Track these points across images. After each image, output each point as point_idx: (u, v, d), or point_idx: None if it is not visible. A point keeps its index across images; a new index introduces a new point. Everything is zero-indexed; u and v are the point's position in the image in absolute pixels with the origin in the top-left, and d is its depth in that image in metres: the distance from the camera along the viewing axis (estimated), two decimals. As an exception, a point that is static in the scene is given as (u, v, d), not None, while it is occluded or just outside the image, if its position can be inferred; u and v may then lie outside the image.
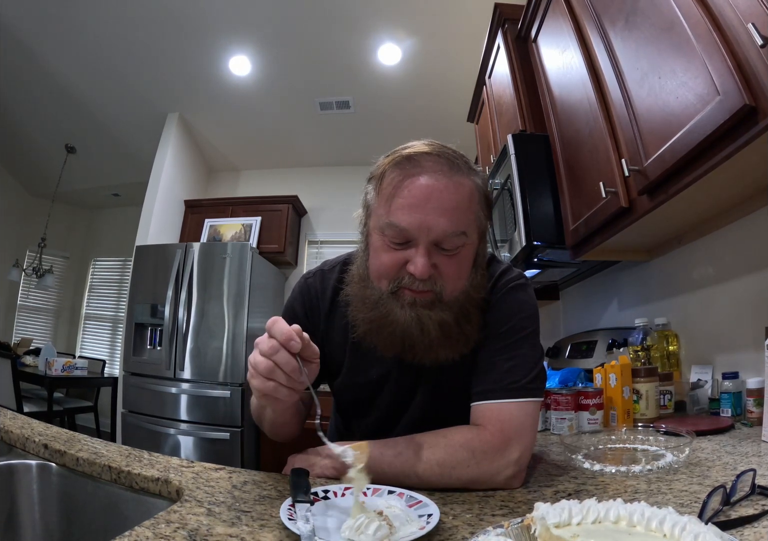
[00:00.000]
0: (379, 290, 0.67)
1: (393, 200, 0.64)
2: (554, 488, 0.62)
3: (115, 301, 4.98)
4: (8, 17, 2.85)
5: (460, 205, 0.64)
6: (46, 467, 0.71)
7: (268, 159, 4.15)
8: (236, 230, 3.65)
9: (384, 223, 0.64)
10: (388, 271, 0.66)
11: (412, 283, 0.64)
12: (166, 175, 3.57)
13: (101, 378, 3.97)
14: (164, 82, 3.39)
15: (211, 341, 2.86)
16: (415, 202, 0.63)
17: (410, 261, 0.64)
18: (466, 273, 0.68)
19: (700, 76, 0.84)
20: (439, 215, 0.62)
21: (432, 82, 3.19)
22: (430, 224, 0.62)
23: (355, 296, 0.72)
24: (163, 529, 0.45)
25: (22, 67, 3.30)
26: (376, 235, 0.67)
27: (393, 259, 0.65)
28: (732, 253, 1.19)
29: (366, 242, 0.71)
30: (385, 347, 0.69)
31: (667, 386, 1.13)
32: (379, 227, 0.66)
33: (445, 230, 0.62)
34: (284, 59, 3.14)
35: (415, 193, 0.63)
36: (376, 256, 0.68)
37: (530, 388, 0.66)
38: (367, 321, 0.69)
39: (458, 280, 0.67)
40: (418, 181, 0.63)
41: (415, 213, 0.62)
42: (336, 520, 0.49)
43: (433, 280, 0.64)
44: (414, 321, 0.65)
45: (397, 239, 0.64)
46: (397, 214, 0.63)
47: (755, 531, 0.43)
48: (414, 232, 0.63)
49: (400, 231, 0.63)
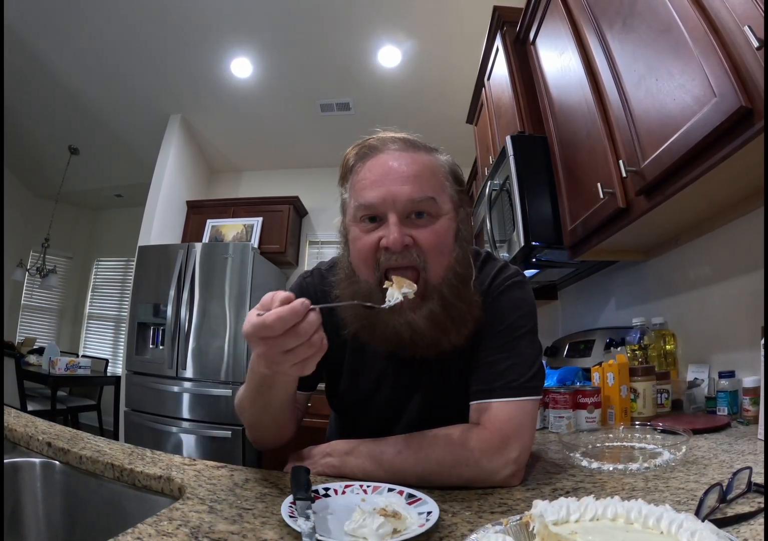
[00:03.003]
0: (367, 282, 0.66)
1: (357, 185, 0.66)
2: (552, 485, 0.62)
3: (118, 300, 5.00)
4: (13, 20, 2.86)
5: (421, 173, 0.65)
6: (49, 465, 0.72)
7: (269, 160, 4.16)
8: (238, 231, 3.66)
9: (354, 208, 0.66)
10: (367, 254, 0.65)
11: (389, 259, 0.63)
12: (169, 176, 3.58)
13: (104, 377, 3.99)
14: (167, 83, 3.40)
15: (213, 340, 2.87)
16: (376, 179, 0.64)
17: (384, 236, 0.63)
18: (447, 247, 0.67)
19: (697, 78, 0.84)
20: (402, 183, 0.63)
21: (431, 84, 3.19)
22: (394, 193, 0.63)
23: (345, 295, 0.70)
24: (166, 526, 0.46)
25: (26, 70, 3.31)
26: (353, 227, 0.68)
27: (368, 241, 0.65)
28: (728, 254, 1.19)
29: (346, 240, 0.71)
30: (379, 344, 0.69)
31: (664, 384, 1.14)
32: (352, 216, 0.67)
33: (410, 196, 0.63)
34: (285, 61, 3.15)
35: (375, 171, 0.65)
36: (355, 248, 0.67)
37: (528, 386, 0.66)
38: (360, 317, 0.68)
39: (440, 253, 0.65)
40: (377, 160, 0.66)
41: (377, 187, 0.64)
42: (336, 517, 0.49)
43: (411, 252, 0.63)
44: (404, 327, 0.64)
45: (367, 217, 0.65)
46: (363, 194, 0.65)
47: (751, 528, 0.43)
48: (380, 205, 0.64)
49: (368, 208, 0.64)
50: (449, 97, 3.18)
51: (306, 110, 3.55)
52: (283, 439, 0.73)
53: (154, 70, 3.27)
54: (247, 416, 0.70)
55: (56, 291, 4.96)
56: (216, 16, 2.81)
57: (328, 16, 2.77)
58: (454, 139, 2.87)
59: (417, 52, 3.00)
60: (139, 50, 3.11)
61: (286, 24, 2.85)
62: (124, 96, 3.55)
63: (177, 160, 3.70)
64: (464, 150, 2.98)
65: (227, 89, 3.40)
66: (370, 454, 0.64)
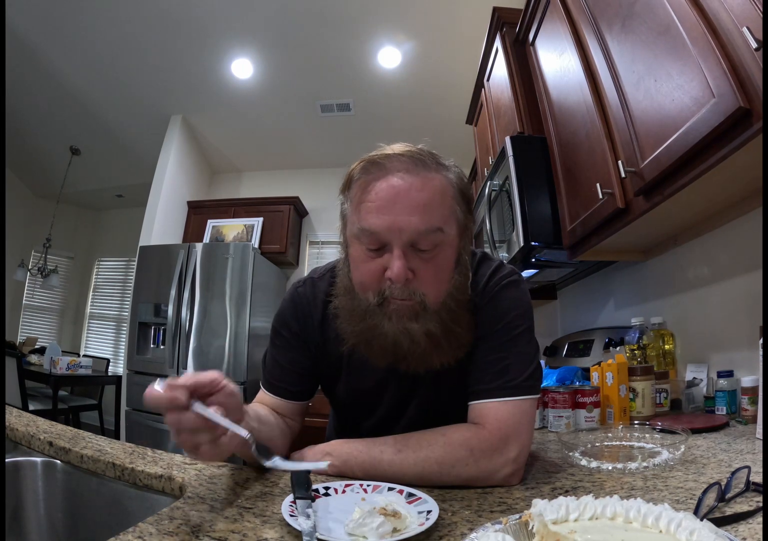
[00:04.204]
0: (366, 301, 0.66)
1: (362, 205, 0.63)
2: (552, 485, 0.62)
3: (119, 300, 5.01)
4: (14, 21, 2.87)
5: (430, 201, 0.62)
6: (51, 464, 0.72)
7: (269, 161, 4.16)
8: (238, 231, 3.66)
9: (357, 230, 0.64)
10: (371, 282, 0.64)
11: (393, 291, 0.63)
12: (170, 176, 3.59)
13: (105, 376, 4.00)
14: (168, 84, 3.41)
15: (213, 340, 2.88)
16: (382, 205, 0.61)
17: (388, 267, 0.62)
18: (447, 276, 0.66)
19: (696, 79, 0.85)
20: (409, 214, 0.60)
21: (431, 85, 3.20)
22: (401, 225, 0.60)
23: (342, 308, 0.70)
24: (167, 525, 0.46)
25: (28, 71, 3.31)
26: (354, 244, 0.66)
27: (372, 270, 0.64)
28: (727, 254, 1.19)
29: (346, 253, 0.70)
30: (377, 358, 0.69)
31: (662, 384, 1.14)
32: (354, 235, 0.65)
33: (417, 228, 0.61)
34: (286, 62, 3.15)
35: (381, 195, 0.62)
36: (357, 268, 0.67)
37: (526, 386, 0.66)
38: (356, 334, 0.68)
39: (439, 285, 0.65)
40: (385, 182, 0.62)
41: (384, 215, 0.61)
42: (337, 517, 0.49)
43: (412, 287, 0.63)
44: (403, 334, 0.64)
45: (372, 245, 0.63)
46: (368, 219, 0.62)
47: (750, 527, 0.43)
48: (386, 235, 0.61)
49: (373, 235, 0.62)
50: (449, 98, 3.18)
51: (306, 111, 3.56)
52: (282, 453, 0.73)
53: (155, 71, 3.27)
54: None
55: (58, 291, 4.97)
56: (217, 17, 2.82)
57: (329, 18, 2.78)
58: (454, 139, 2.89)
59: (417, 53, 3.00)
60: (141, 52, 3.11)
61: (286, 25, 2.86)
62: (125, 97, 3.55)
63: (178, 160, 3.70)
64: (464, 151, 2.98)
65: (228, 90, 3.41)
66: (370, 453, 0.64)
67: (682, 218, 1.21)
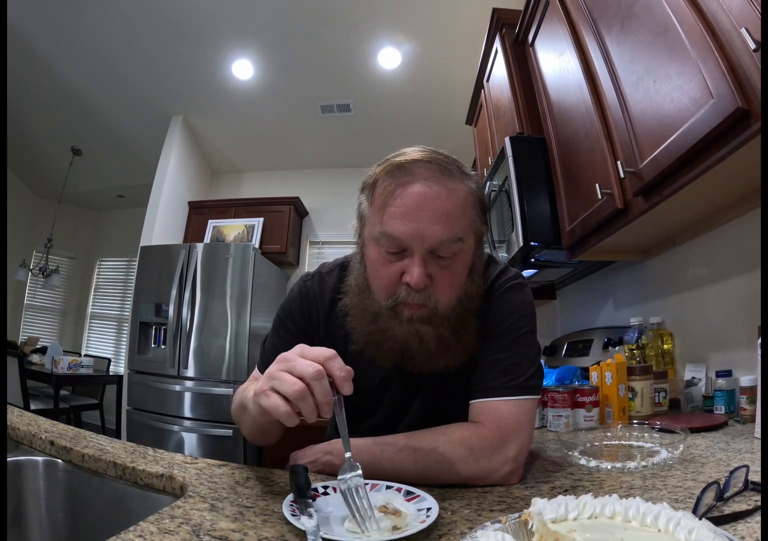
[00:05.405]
0: (378, 303, 0.67)
1: (386, 209, 0.63)
2: (551, 484, 0.62)
3: (120, 300, 5.01)
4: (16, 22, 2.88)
5: (454, 211, 0.63)
6: (52, 464, 0.72)
7: (270, 161, 4.17)
8: (239, 231, 3.67)
9: (378, 233, 0.64)
10: (388, 285, 0.65)
11: (408, 295, 0.63)
12: (170, 176, 3.59)
13: (106, 376, 4.01)
14: (168, 85, 3.41)
15: (214, 339, 2.88)
16: (408, 211, 0.61)
17: (407, 271, 0.63)
18: (461, 283, 0.67)
19: (694, 80, 0.85)
20: (434, 223, 0.61)
21: (431, 86, 3.20)
22: (424, 233, 0.61)
23: (354, 307, 0.71)
24: (168, 524, 0.46)
25: (30, 71, 3.32)
26: (372, 245, 0.67)
27: (390, 273, 0.65)
28: (726, 254, 1.20)
29: (362, 253, 0.71)
30: (383, 359, 0.69)
31: (661, 383, 1.14)
32: (374, 237, 0.65)
33: (440, 238, 0.61)
34: (286, 63, 3.15)
35: (407, 201, 0.62)
36: (374, 270, 0.67)
37: (527, 386, 0.67)
38: (366, 334, 0.69)
39: (452, 291, 0.66)
40: (410, 188, 0.62)
41: (408, 222, 0.61)
42: (337, 515, 0.49)
43: (427, 292, 0.64)
44: (413, 335, 0.65)
45: (392, 249, 0.64)
46: (391, 224, 0.62)
47: (748, 526, 0.43)
48: (408, 241, 0.62)
49: (395, 240, 0.62)
50: (448, 99, 3.18)
51: (307, 112, 3.56)
52: (274, 441, 0.76)
53: (156, 72, 3.28)
54: (242, 427, 0.73)
55: (59, 291, 4.97)
56: (218, 18, 2.82)
57: (329, 19, 2.78)
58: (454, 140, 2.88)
59: (417, 53, 3.00)
60: (142, 52, 3.12)
61: (286, 26, 2.86)
62: (126, 98, 3.55)
63: (179, 161, 3.70)
64: (463, 151, 2.98)
65: (228, 91, 3.41)
66: (371, 452, 0.64)
67: (681, 218, 1.21)
